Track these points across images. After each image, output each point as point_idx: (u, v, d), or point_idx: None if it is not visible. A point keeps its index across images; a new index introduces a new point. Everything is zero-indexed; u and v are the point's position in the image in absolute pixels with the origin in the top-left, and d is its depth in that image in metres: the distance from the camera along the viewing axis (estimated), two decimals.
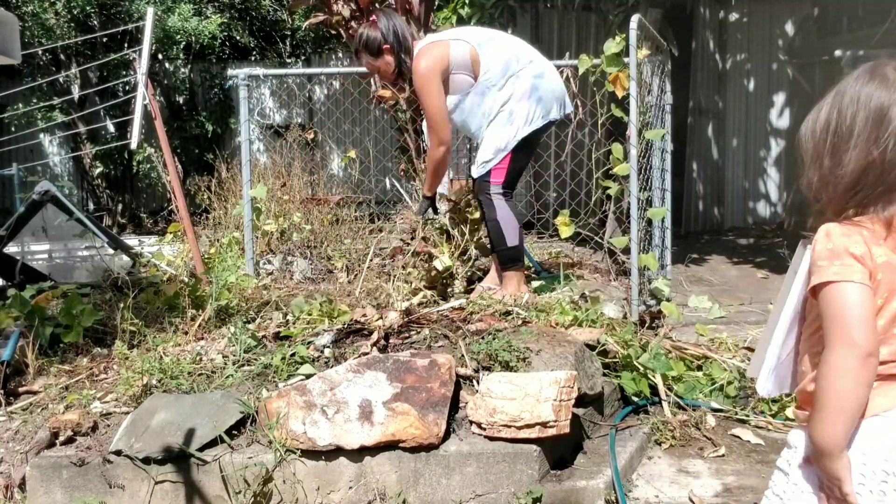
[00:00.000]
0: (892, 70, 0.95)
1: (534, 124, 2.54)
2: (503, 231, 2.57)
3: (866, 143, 0.93)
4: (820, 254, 0.95)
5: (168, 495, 1.76)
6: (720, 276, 4.16)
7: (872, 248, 0.93)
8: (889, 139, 0.92)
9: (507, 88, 2.53)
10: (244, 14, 8.32)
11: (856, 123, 0.94)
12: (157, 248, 3.93)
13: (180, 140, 7.64)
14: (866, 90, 0.95)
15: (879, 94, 0.94)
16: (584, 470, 1.82)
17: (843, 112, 0.95)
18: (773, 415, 2.20)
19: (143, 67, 3.25)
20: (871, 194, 0.93)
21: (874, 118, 0.93)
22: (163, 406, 1.88)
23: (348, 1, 4.27)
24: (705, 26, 6.21)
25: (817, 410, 0.94)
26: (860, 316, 0.91)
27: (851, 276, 0.91)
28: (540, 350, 2.02)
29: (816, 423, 0.94)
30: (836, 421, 0.92)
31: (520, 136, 2.54)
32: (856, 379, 0.91)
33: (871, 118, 0.93)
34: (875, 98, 0.94)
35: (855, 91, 0.96)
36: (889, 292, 0.93)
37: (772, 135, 6.31)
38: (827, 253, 0.94)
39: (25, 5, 6.60)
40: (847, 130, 0.94)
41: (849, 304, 0.91)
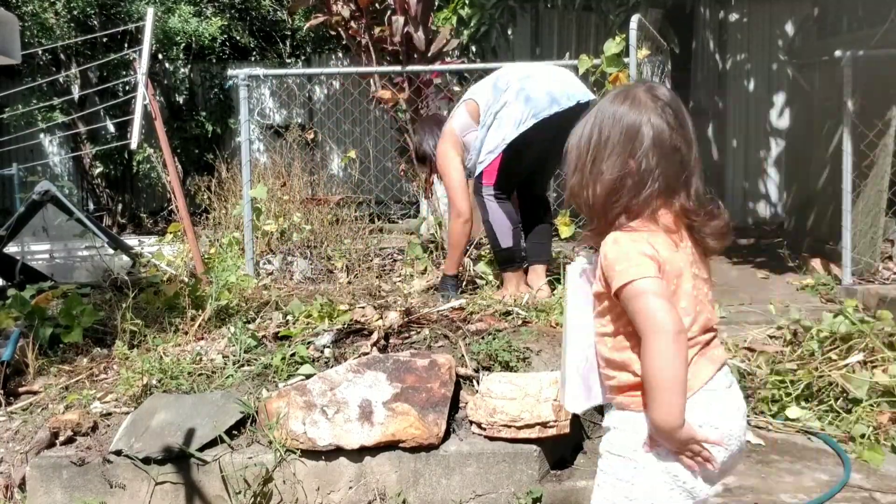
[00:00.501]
0: (643, 92, 1.10)
1: (523, 126, 2.56)
2: (496, 233, 2.62)
3: (622, 154, 1.07)
4: (613, 260, 1.06)
5: (168, 495, 1.76)
6: (720, 277, 4.15)
7: (656, 245, 1.06)
8: (643, 152, 1.07)
9: (498, 103, 2.63)
10: (244, 14, 8.32)
11: (612, 137, 1.08)
12: (157, 249, 3.93)
13: (180, 140, 7.64)
14: (621, 109, 1.09)
15: (632, 113, 1.09)
16: (585, 470, 1.82)
17: (602, 128, 1.10)
18: (773, 415, 2.19)
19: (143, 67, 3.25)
20: (634, 200, 1.07)
21: (627, 133, 1.08)
22: (163, 406, 1.88)
23: (348, 1, 4.27)
24: (705, 26, 6.20)
25: (652, 396, 1.03)
26: (661, 303, 1.02)
27: (647, 272, 1.03)
28: (540, 350, 2.03)
29: (654, 407, 1.02)
30: (670, 400, 1.01)
31: (508, 138, 2.58)
32: (674, 357, 1.01)
33: (625, 133, 1.08)
34: (628, 116, 1.09)
35: (612, 110, 1.10)
36: (676, 278, 1.07)
37: (772, 135, 6.31)
38: (620, 257, 1.05)
39: (25, 5, 6.60)
40: (605, 143, 1.09)
41: (650, 296, 1.03)
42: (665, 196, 1.08)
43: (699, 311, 1.08)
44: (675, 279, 1.07)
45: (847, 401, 2.15)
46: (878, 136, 3.63)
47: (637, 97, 1.10)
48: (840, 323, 2.36)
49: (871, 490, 1.80)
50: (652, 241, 1.06)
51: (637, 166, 1.06)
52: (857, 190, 3.71)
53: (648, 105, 1.08)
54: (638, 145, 1.07)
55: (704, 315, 1.09)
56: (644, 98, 1.09)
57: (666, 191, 1.07)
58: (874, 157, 3.67)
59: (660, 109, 1.08)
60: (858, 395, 2.12)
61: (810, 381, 2.20)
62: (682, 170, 1.08)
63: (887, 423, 2.04)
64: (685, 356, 1.03)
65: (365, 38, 4.24)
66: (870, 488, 1.81)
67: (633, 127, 1.07)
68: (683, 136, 1.08)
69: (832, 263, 3.91)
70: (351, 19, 4.26)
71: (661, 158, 1.07)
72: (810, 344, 2.37)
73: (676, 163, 1.07)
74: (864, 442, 2.00)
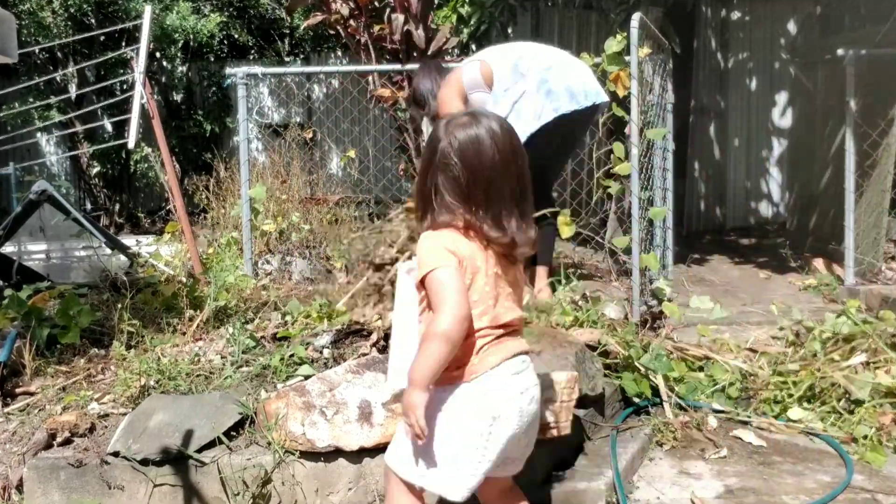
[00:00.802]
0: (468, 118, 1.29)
1: (543, 118, 2.52)
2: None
3: (438, 168, 1.28)
4: (422, 253, 1.26)
5: (166, 497, 1.74)
6: (722, 277, 4.15)
7: (458, 243, 1.26)
8: (451, 169, 1.27)
9: (516, 88, 2.54)
10: (243, 12, 8.30)
11: (436, 154, 1.28)
12: (154, 248, 3.91)
13: (178, 139, 7.62)
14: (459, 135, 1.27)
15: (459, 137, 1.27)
16: (585, 471, 1.81)
17: (432, 144, 1.30)
18: (775, 416, 2.18)
19: (141, 66, 3.23)
20: (446, 206, 1.26)
21: (442, 155, 1.27)
22: (161, 407, 1.86)
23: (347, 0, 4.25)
24: (707, 25, 6.19)
25: (420, 354, 1.22)
26: (455, 288, 1.22)
27: (446, 263, 1.23)
28: (541, 351, 2.01)
29: (417, 362, 1.22)
30: (430, 365, 1.21)
31: (529, 131, 2.51)
32: (448, 335, 1.20)
33: (437, 155, 1.28)
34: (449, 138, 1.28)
35: (444, 127, 1.30)
36: (473, 274, 1.26)
37: (774, 134, 6.30)
38: (428, 251, 1.26)
39: (22, 3, 6.58)
40: (432, 158, 1.29)
41: (446, 282, 1.22)
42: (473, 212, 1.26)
43: (491, 306, 1.27)
44: (472, 275, 1.25)
45: (849, 402, 2.15)
46: (881, 136, 3.62)
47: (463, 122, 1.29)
48: (843, 324, 2.35)
49: (873, 491, 1.79)
50: (456, 239, 1.26)
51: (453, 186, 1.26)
52: (860, 189, 3.70)
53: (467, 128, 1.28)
54: (451, 161, 1.26)
55: (498, 311, 1.27)
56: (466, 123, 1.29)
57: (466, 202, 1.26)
58: (877, 156, 3.66)
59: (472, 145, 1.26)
60: (861, 397, 2.11)
61: (812, 382, 2.19)
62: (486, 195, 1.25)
63: (890, 424, 2.04)
64: (458, 339, 1.21)
65: (364, 36, 4.22)
66: (872, 490, 1.80)
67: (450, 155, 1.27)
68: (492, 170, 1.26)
69: (835, 263, 3.90)
70: (350, 17, 4.25)
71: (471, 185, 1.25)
72: (813, 345, 2.36)
73: (478, 189, 1.25)
74: (866, 443, 1.99)
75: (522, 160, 1.30)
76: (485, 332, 1.26)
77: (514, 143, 1.30)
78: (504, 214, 1.27)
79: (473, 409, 1.24)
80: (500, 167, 1.26)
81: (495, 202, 1.26)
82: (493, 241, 1.26)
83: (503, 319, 1.28)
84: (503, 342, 1.28)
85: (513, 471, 1.38)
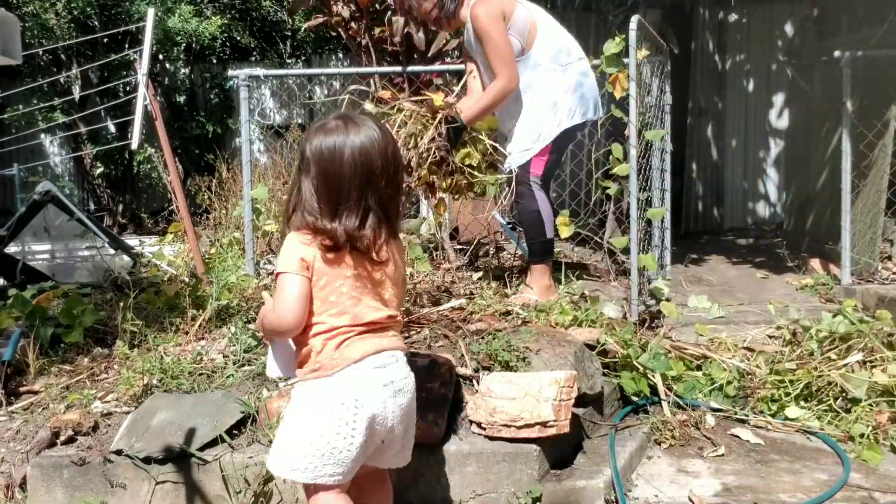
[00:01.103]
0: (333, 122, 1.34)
1: (574, 119, 2.53)
2: (544, 223, 2.53)
3: (301, 170, 1.34)
4: (283, 253, 1.34)
5: (169, 495, 1.76)
6: (720, 277, 4.16)
7: (312, 247, 1.32)
8: (310, 172, 1.32)
9: (552, 77, 2.51)
10: (245, 15, 8.32)
11: (301, 156, 1.34)
12: (157, 249, 3.93)
13: (181, 140, 7.64)
14: (315, 139, 1.32)
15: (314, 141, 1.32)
16: (584, 469, 1.82)
17: (303, 152, 1.34)
18: (772, 414, 2.20)
19: (144, 68, 3.26)
20: (305, 209, 1.32)
21: (304, 159, 1.33)
22: (163, 406, 1.88)
23: (348, 2, 4.27)
24: (704, 27, 6.20)
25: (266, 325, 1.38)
26: (292, 296, 1.32)
27: (292, 269, 1.32)
28: (540, 350, 2.03)
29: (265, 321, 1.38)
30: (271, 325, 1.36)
31: (562, 126, 2.51)
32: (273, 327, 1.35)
33: (302, 159, 1.34)
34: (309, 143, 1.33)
35: (309, 135, 1.34)
36: (326, 277, 1.33)
37: (771, 135, 6.31)
38: (284, 253, 1.34)
39: (26, 6, 6.61)
40: (299, 160, 1.35)
41: (285, 288, 1.33)
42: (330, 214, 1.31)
43: (351, 306, 1.35)
44: (325, 277, 1.33)
45: (846, 400, 2.16)
46: (878, 137, 3.64)
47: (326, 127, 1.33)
48: (839, 323, 2.36)
49: (870, 489, 1.80)
50: (309, 244, 1.32)
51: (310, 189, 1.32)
52: (857, 190, 3.72)
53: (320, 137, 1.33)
54: (305, 169, 1.33)
55: (360, 310, 1.35)
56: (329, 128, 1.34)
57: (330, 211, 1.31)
58: (873, 157, 3.68)
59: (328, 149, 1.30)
60: (857, 395, 2.12)
61: (809, 381, 2.21)
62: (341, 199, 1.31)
63: (886, 422, 2.05)
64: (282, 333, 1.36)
65: (365, 38, 4.24)
66: (869, 488, 1.81)
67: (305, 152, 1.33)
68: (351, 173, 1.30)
69: (831, 263, 3.92)
70: (351, 20, 4.26)
71: (326, 187, 1.31)
72: (809, 344, 2.37)
73: (336, 192, 1.31)
74: (863, 441, 2.01)
75: (393, 168, 1.34)
76: (344, 329, 1.34)
77: (383, 149, 1.32)
78: (360, 220, 1.31)
79: (335, 400, 1.31)
80: (361, 174, 1.30)
81: (351, 208, 1.31)
82: (347, 245, 1.31)
83: (366, 318, 1.35)
84: (366, 338, 1.35)
85: (394, 463, 1.44)
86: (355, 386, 1.32)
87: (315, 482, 1.33)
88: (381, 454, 1.40)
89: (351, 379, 1.33)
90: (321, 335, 1.34)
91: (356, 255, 1.34)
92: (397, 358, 1.39)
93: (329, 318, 1.34)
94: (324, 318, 1.34)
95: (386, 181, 1.33)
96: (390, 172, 1.34)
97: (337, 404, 1.31)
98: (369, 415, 1.32)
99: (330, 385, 1.33)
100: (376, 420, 1.33)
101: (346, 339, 1.34)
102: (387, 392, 1.34)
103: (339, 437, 1.31)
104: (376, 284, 1.38)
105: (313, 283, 1.33)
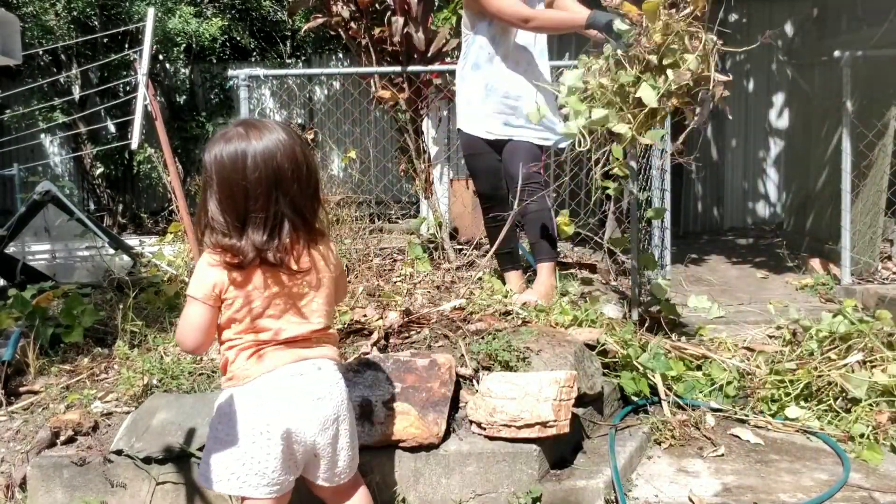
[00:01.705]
0: (233, 129, 1.29)
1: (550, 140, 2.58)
2: (552, 220, 2.54)
3: (205, 184, 1.28)
4: (195, 275, 1.30)
5: (169, 495, 1.76)
6: (719, 276, 4.16)
7: (221, 272, 1.27)
8: (212, 185, 1.27)
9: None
10: (245, 15, 8.32)
11: (206, 175, 1.28)
12: (157, 249, 3.93)
13: (181, 140, 7.65)
14: (215, 148, 1.27)
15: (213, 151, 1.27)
16: (584, 469, 1.82)
17: (205, 165, 1.29)
18: (772, 414, 2.20)
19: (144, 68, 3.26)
20: (211, 226, 1.26)
21: (206, 174, 1.27)
22: (163, 406, 1.88)
23: (348, 2, 4.27)
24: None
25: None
26: (194, 325, 1.29)
27: (197, 295, 1.28)
28: (540, 350, 2.03)
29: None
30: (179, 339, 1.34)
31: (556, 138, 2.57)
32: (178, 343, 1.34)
33: (205, 174, 1.28)
34: (210, 155, 1.27)
35: (209, 146, 1.29)
36: (240, 299, 1.28)
37: (771, 135, 6.32)
38: (198, 276, 1.29)
39: (26, 6, 6.61)
40: (204, 179, 1.29)
41: (190, 315, 1.30)
42: (238, 229, 1.25)
43: (268, 323, 1.30)
44: (238, 297, 1.28)
45: (846, 400, 2.16)
46: (878, 137, 3.64)
47: (227, 136, 1.28)
48: (839, 323, 2.36)
49: (870, 489, 1.80)
50: (223, 265, 1.26)
51: (215, 203, 1.26)
52: (857, 190, 3.72)
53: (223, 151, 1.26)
54: (213, 185, 1.26)
55: (280, 325, 1.31)
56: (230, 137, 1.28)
57: (237, 225, 1.25)
58: (873, 157, 3.68)
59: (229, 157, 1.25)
60: (857, 395, 2.12)
61: (809, 381, 2.21)
62: (248, 209, 1.25)
63: (886, 422, 2.05)
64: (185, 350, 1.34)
65: (365, 38, 4.24)
66: (869, 487, 1.81)
67: (209, 169, 1.27)
68: (255, 180, 1.24)
69: (831, 263, 3.92)
70: (351, 20, 4.26)
71: (230, 199, 1.24)
72: (809, 344, 2.37)
73: (242, 203, 1.24)
74: (863, 441, 2.01)
75: (305, 169, 1.27)
76: (261, 342, 1.31)
77: (290, 152, 1.26)
78: (271, 230, 1.25)
79: (249, 408, 1.29)
80: (267, 181, 1.23)
81: (260, 218, 1.25)
82: (257, 260, 1.26)
83: (287, 334, 1.31)
84: (286, 349, 1.32)
85: (332, 479, 1.39)
86: (270, 394, 1.29)
87: (242, 494, 1.30)
88: (316, 468, 1.36)
89: (265, 387, 1.30)
90: (235, 348, 1.32)
91: (269, 270, 1.28)
92: (320, 366, 1.34)
93: (244, 335, 1.31)
94: (239, 335, 1.31)
95: (298, 185, 1.27)
96: (302, 174, 1.27)
97: (251, 413, 1.29)
98: (284, 423, 1.28)
99: (244, 393, 1.30)
100: (293, 429, 1.29)
101: (264, 351, 1.31)
102: (305, 401, 1.30)
103: (255, 447, 1.28)
104: (296, 297, 1.32)
105: (225, 304, 1.29)
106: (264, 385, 1.30)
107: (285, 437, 1.29)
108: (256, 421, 1.28)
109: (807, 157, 4.76)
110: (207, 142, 1.30)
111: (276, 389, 1.30)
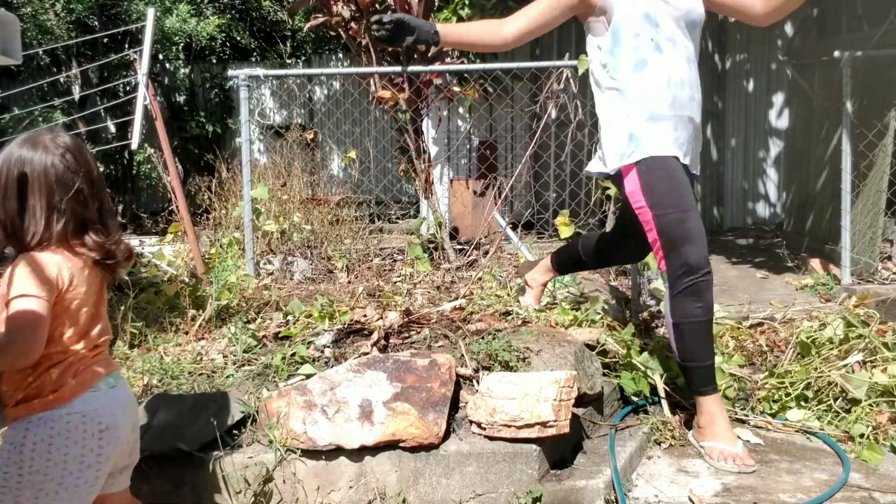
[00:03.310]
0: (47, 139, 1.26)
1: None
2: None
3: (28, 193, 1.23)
4: (19, 273, 1.21)
5: (169, 495, 1.76)
6: (719, 277, 4.16)
7: (62, 270, 1.22)
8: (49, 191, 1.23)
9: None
10: (245, 15, 8.33)
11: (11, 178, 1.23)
12: (157, 249, 3.93)
13: (181, 140, 7.65)
14: (27, 154, 1.24)
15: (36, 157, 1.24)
16: (584, 469, 1.82)
17: (10, 169, 1.24)
18: (772, 415, 2.20)
19: (144, 68, 3.26)
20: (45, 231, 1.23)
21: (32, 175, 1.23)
22: (163, 406, 1.88)
23: (348, 2, 4.27)
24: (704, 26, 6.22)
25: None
26: (32, 324, 1.18)
27: (35, 292, 1.19)
28: (540, 350, 2.03)
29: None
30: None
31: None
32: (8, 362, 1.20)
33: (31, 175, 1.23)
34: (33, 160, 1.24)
35: (18, 153, 1.25)
36: (77, 300, 1.25)
37: (771, 135, 6.32)
38: (23, 273, 1.21)
39: (25, 6, 6.61)
40: (8, 182, 1.24)
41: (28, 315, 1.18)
42: (75, 228, 1.24)
43: (91, 328, 1.28)
44: (76, 300, 1.24)
45: (846, 401, 2.16)
46: (878, 137, 3.64)
47: (40, 142, 1.26)
48: (839, 325, 2.36)
49: (870, 489, 1.80)
50: (62, 264, 1.23)
51: (44, 203, 1.23)
52: (856, 190, 3.72)
53: (50, 149, 1.25)
54: (42, 185, 1.23)
55: (95, 331, 1.29)
56: (48, 144, 1.26)
57: (75, 223, 1.24)
58: (873, 157, 3.68)
59: (60, 154, 1.25)
60: (857, 395, 2.12)
61: (809, 381, 2.21)
62: (86, 205, 1.25)
63: (886, 422, 2.05)
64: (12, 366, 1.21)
65: (365, 38, 4.25)
66: (869, 488, 1.81)
67: (36, 169, 1.23)
68: (86, 176, 1.26)
69: (831, 263, 3.92)
70: (351, 20, 4.27)
71: (66, 196, 1.23)
72: (809, 344, 2.37)
73: (80, 200, 1.25)
74: (863, 441, 2.01)
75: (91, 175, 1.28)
76: (82, 353, 1.27)
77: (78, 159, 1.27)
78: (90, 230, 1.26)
79: (80, 429, 1.23)
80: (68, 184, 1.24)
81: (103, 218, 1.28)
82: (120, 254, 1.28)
83: (99, 340, 1.31)
84: (99, 360, 1.30)
85: (125, 483, 1.39)
86: (99, 412, 1.26)
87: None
88: (113, 478, 1.35)
89: (92, 404, 1.26)
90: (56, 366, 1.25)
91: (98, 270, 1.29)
92: (118, 376, 1.35)
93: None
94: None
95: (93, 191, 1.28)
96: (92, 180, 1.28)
97: (79, 434, 1.23)
98: (114, 436, 1.27)
99: (68, 415, 1.23)
100: (119, 440, 1.29)
101: (85, 364, 1.28)
102: (128, 412, 1.33)
103: (88, 470, 1.23)
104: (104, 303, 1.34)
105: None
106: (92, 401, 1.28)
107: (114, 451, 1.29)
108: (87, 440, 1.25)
109: (807, 157, 4.76)
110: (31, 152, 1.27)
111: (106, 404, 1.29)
